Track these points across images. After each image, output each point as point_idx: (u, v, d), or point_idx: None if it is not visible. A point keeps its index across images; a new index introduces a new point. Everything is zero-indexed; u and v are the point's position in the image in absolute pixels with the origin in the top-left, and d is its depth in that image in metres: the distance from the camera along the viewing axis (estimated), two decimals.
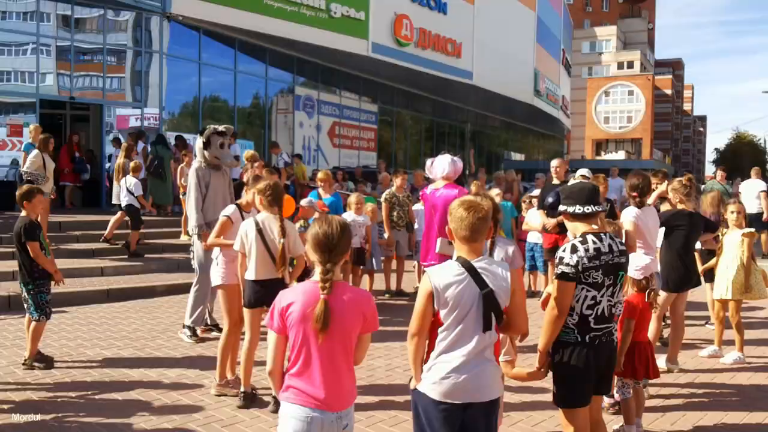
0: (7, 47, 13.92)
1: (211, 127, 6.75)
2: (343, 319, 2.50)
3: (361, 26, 19.54)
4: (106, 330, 6.94)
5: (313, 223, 2.65)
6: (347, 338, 2.54)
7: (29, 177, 9.45)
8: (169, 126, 16.08)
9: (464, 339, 2.66)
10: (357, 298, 2.59)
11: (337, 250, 2.54)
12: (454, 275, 2.67)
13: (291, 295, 2.57)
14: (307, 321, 2.48)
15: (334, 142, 21.73)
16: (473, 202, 2.76)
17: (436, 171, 6.27)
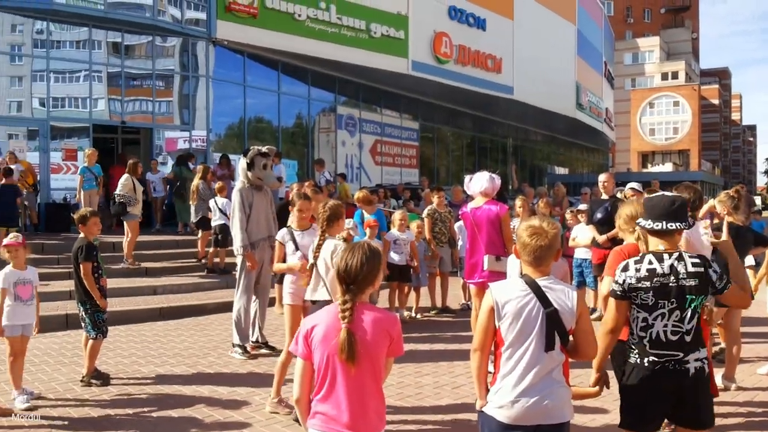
0: (61, 74, 14.50)
1: (254, 148, 6.88)
2: (368, 343, 2.45)
3: (401, 45, 19.73)
4: (160, 347, 7.10)
5: (341, 252, 2.64)
6: (375, 362, 2.50)
7: (121, 199, 10.22)
8: (216, 147, 16.45)
9: (530, 359, 2.62)
10: (382, 319, 2.53)
11: (357, 282, 2.51)
12: (517, 291, 2.67)
13: (314, 318, 2.56)
14: (329, 343, 2.44)
15: (376, 160, 21.88)
16: (538, 228, 2.71)
17: (474, 187, 6.30)
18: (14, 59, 14.22)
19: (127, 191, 10.43)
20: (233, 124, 17.61)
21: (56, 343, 7.19)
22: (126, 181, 10.51)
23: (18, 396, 5.15)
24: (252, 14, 16.03)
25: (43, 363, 6.41)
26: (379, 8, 19.09)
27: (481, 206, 6.26)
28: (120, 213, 10.52)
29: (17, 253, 5.30)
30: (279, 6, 16.59)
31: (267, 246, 6.83)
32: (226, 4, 15.59)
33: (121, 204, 10.38)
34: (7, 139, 14.14)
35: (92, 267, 5.68)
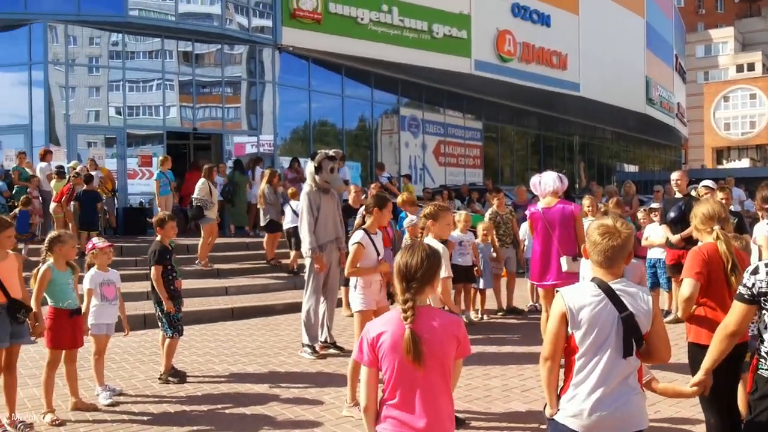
0: (135, 84, 15.14)
1: (322, 152, 6.99)
2: (435, 344, 2.43)
3: (463, 45, 19.63)
4: (232, 346, 7.32)
5: (400, 251, 2.63)
6: (444, 364, 2.47)
7: (198, 202, 10.70)
8: (282, 151, 16.80)
9: (605, 366, 2.53)
10: (447, 322, 2.51)
11: (416, 280, 2.48)
12: (590, 296, 2.56)
13: (379, 325, 2.50)
14: (399, 348, 2.41)
15: (440, 161, 21.83)
16: (611, 227, 2.61)
17: (544, 187, 6.19)
18: (92, 70, 14.94)
19: (204, 195, 10.83)
20: (298, 128, 17.94)
21: (135, 342, 7.50)
22: (203, 185, 10.90)
23: (101, 392, 5.41)
24: (316, 20, 16.30)
25: (124, 361, 6.71)
26: (441, 8, 19.06)
27: (554, 206, 6.14)
28: (197, 216, 10.93)
29: (104, 256, 5.56)
30: (342, 11, 16.81)
31: (334, 248, 6.94)
32: (291, 11, 15.92)
33: (198, 207, 10.79)
34: (87, 147, 14.85)
35: (166, 269, 5.90)
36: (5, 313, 4.60)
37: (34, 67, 14.12)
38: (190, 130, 15.80)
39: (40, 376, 5.29)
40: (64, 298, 5.06)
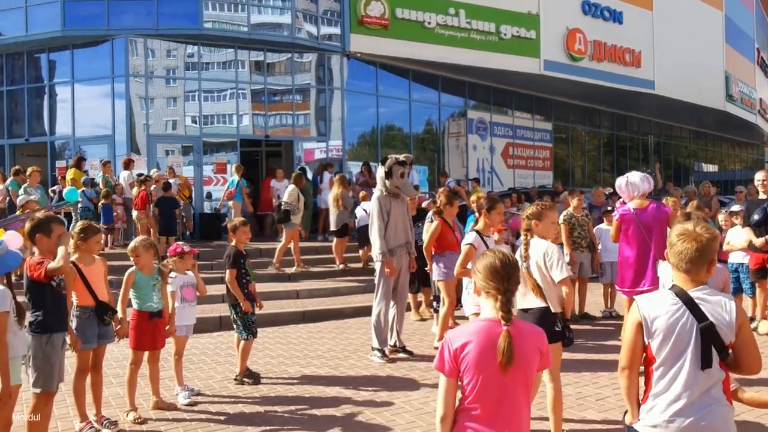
0: (210, 94, 15.68)
1: (392, 157, 7.02)
2: (524, 353, 2.40)
3: (532, 45, 19.34)
4: (304, 349, 7.46)
5: (484, 254, 2.59)
6: (528, 374, 2.44)
7: (287, 207, 11.12)
8: (350, 156, 17.01)
9: (684, 377, 2.45)
10: (532, 332, 2.49)
11: (513, 278, 2.46)
12: (667, 305, 2.48)
13: (463, 335, 2.45)
14: (487, 361, 2.38)
15: (508, 163, 21.56)
16: (692, 232, 2.52)
17: (635, 188, 5.93)
18: (169, 82, 15.57)
19: (293, 200, 11.23)
20: (366, 133, 18.11)
21: (211, 344, 7.76)
22: (293, 191, 11.30)
23: (181, 392, 5.62)
24: (383, 25, 16.44)
25: (201, 362, 6.95)
26: (509, 9, 18.85)
27: (647, 207, 5.88)
28: (283, 220, 11.25)
29: (186, 260, 5.78)
30: (409, 15, 16.89)
31: (405, 252, 6.96)
32: (359, 18, 16.11)
33: (286, 212, 11.12)
34: (165, 155, 15.48)
35: (240, 273, 6.08)
36: (93, 315, 4.86)
37: (116, 80, 14.86)
38: (262, 137, 16.23)
39: (123, 375, 5.56)
40: (146, 301, 5.30)
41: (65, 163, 14.79)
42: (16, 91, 16.07)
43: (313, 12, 16.11)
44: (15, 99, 16.18)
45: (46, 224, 4.35)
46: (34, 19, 14.93)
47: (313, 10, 16.11)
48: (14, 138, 16.22)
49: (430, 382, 5.93)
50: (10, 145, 16.21)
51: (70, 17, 14.53)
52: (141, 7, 14.61)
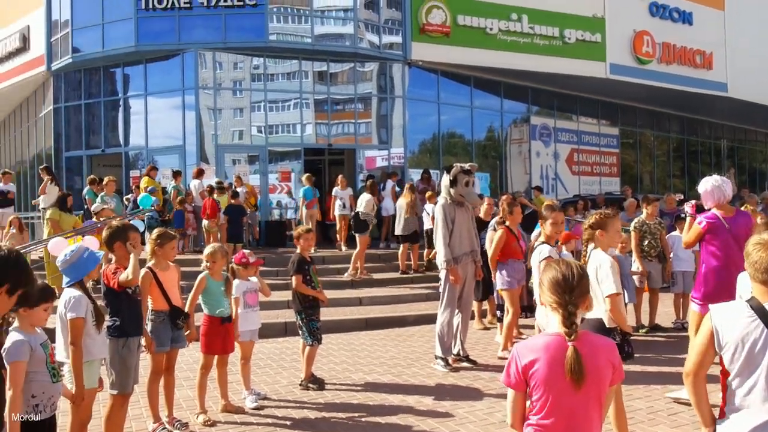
0: (275, 104, 16.04)
1: (457, 165, 7.01)
2: (593, 369, 2.33)
3: (597, 49, 18.92)
4: (367, 356, 7.51)
5: (547, 266, 2.55)
6: (602, 389, 2.38)
7: (364, 216, 11.47)
8: (412, 163, 17.04)
9: (760, 393, 2.35)
10: (602, 345, 2.42)
11: (575, 293, 2.39)
12: (741, 317, 2.40)
13: (531, 351, 2.40)
14: (556, 378, 2.33)
15: (573, 170, 21.13)
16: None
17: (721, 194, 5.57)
18: (235, 93, 16.02)
19: (370, 210, 11.51)
20: (427, 141, 18.11)
21: (277, 349, 7.91)
22: (369, 200, 11.61)
23: (248, 396, 5.75)
24: (445, 33, 16.43)
25: (267, 366, 7.09)
26: (573, 13, 18.51)
27: (735, 215, 5.57)
28: (362, 229, 11.43)
29: (251, 268, 5.93)
30: (471, 22, 16.83)
31: (470, 261, 6.93)
32: (420, 26, 16.17)
33: (364, 222, 11.33)
34: (232, 164, 15.92)
35: (305, 279, 6.18)
36: (167, 319, 5.04)
37: (186, 92, 15.40)
38: (325, 146, 16.47)
39: (193, 378, 5.73)
40: (217, 306, 5.45)
41: (139, 172, 15.43)
42: (93, 105, 16.86)
43: (375, 22, 16.27)
44: (92, 112, 16.98)
45: (123, 232, 4.56)
46: (110, 35, 15.65)
47: (375, 20, 16.27)
48: (91, 149, 17.01)
49: (495, 392, 5.87)
50: (88, 155, 17.01)
51: (143, 33, 15.17)
52: (210, 21, 15.10)
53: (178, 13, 14.97)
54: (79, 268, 4.04)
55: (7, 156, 23.14)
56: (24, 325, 3.35)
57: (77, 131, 17.21)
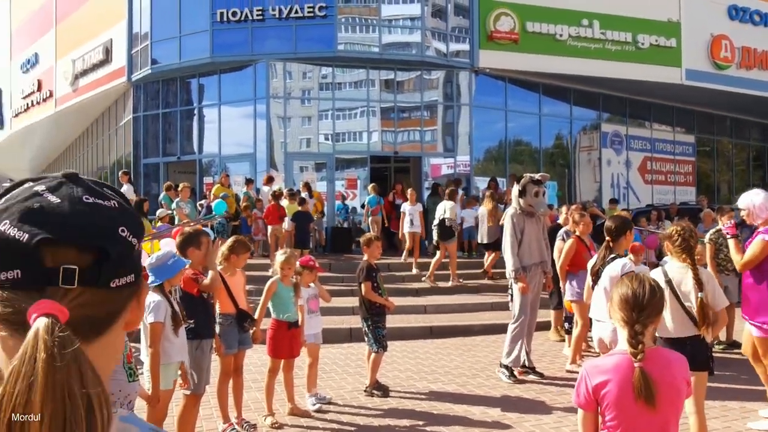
0: (342, 112, 16.26)
1: (527, 175, 6.96)
2: (669, 385, 2.27)
3: (672, 54, 18.32)
4: (431, 365, 7.50)
5: (621, 281, 2.50)
6: (678, 407, 2.31)
7: (450, 223, 11.55)
8: (477, 171, 16.92)
9: None
10: (676, 360, 2.36)
11: (645, 311, 2.33)
12: None
13: (602, 372, 2.35)
14: (627, 398, 2.26)
15: (646, 179, 20.49)
16: None
17: None
18: (304, 102, 16.34)
19: (454, 216, 11.58)
20: (493, 148, 17.96)
21: (342, 354, 8.00)
22: (452, 207, 11.68)
23: (309, 398, 5.85)
24: (513, 40, 16.28)
25: (332, 371, 7.18)
26: (647, 18, 17.99)
27: None
28: (447, 236, 11.50)
29: (312, 274, 6.03)
30: (540, 29, 16.61)
31: (539, 271, 6.84)
32: (488, 34, 16.08)
33: (449, 227, 11.39)
34: (300, 171, 16.23)
35: (372, 286, 6.24)
36: (234, 322, 5.19)
37: (258, 101, 15.84)
38: (391, 153, 16.58)
39: (260, 380, 5.87)
40: (285, 311, 5.57)
41: (212, 179, 15.94)
42: (170, 114, 17.56)
43: (443, 30, 16.28)
44: (169, 121, 17.68)
45: (196, 238, 4.74)
46: (187, 47, 16.28)
47: (443, 28, 16.29)
48: (167, 156, 17.70)
49: (562, 406, 5.75)
50: (164, 162, 17.71)
51: (217, 45, 15.71)
52: (281, 32, 15.50)
53: (251, 25, 15.44)
54: (163, 272, 4.22)
55: (89, 162, 24.36)
56: None
57: (154, 139, 17.96)
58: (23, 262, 0.74)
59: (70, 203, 0.78)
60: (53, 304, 0.72)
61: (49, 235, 0.74)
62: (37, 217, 0.75)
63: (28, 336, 0.69)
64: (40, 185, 0.80)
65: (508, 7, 16.26)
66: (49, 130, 25.02)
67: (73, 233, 0.76)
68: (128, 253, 0.80)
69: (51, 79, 22.52)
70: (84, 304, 0.76)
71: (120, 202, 0.83)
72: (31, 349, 0.68)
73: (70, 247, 0.75)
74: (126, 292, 0.81)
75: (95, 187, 0.83)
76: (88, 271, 0.76)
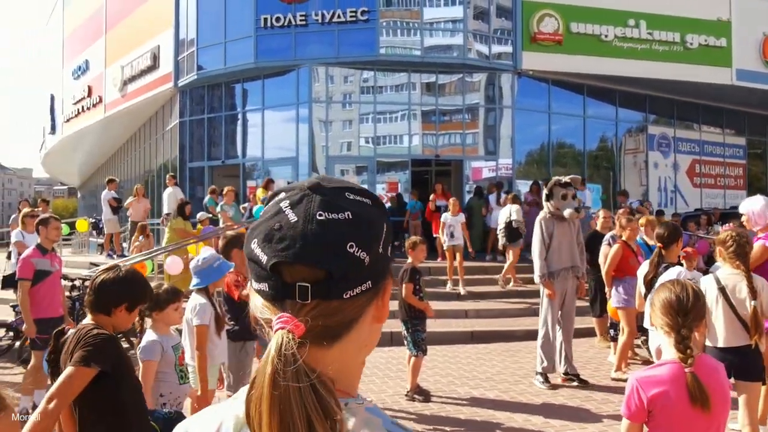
0: (383, 116, 16.29)
1: (554, 178, 6.88)
2: (719, 389, 2.22)
3: (722, 54, 17.82)
4: (473, 370, 7.44)
5: (662, 286, 2.44)
6: (726, 415, 2.27)
7: (517, 224, 11.54)
8: (519, 174, 16.74)
9: None
10: (720, 367, 2.31)
11: (691, 315, 2.29)
12: None
13: (653, 383, 2.31)
14: (684, 407, 2.21)
15: (695, 182, 19.96)
16: None
17: None
18: (345, 106, 16.43)
19: (520, 217, 11.56)
20: (536, 151, 17.73)
21: (383, 358, 8.00)
22: (519, 209, 11.66)
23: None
24: (557, 41, 16.07)
25: (373, 375, 7.19)
26: (695, 17, 17.55)
27: None
28: (514, 237, 11.44)
29: None
30: (585, 29, 16.36)
31: (570, 276, 6.72)
32: (532, 35, 15.91)
33: (516, 229, 11.31)
34: (341, 175, 16.30)
35: (414, 289, 6.23)
36: None
37: (300, 106, 15.99)
38: (433, 157, 16.53)
39: None
40: None
41: (255, 183, 16.15)
42: (215, 119, 17.87)
43: (485, 32, 16.17)
44: (213, 125, 18.00)
45: (238, 241, 4.82)
46: (231, 53, 16.55)
47: (485, 30, 16.18)
48: (212, 160, 18.02)
49: (607, 414, 5.64)
50: (209, 166, 18.02)
51: (261, 50, 15.93)
52: (323, 37, 15.63)
53: (294, 30, 15.61)
54: (207, 275, 4.30)
55: (137, 166, 24.98)
56: (158, 326, 3.61)
57: (200, 143, 18.30)
58: (267, 277, 0.86)
59: (303, 223, 0.85)
60: (290, 318, 0.82)
61: (282, 260, 0.84)
62: (275, 238, 0.86)
63: (267, 348, 0.82)
64: (285, 200, 0.90)
65: (552, 8, 16.06)
66: (99, 134, 25.75)
67: (303, 255, 0.83)
68: (358, 267, 0.85)
69: (101, 85, 23.18)
70: (319, 315, 0.84)
71: (354, 213, 0.88)
72: (263, 363, 0.81)
73: (302, 266, 0.84)
74: (362, 299, 0.87)
75: (333, 197, 0.89)
76: (319, 287, 0.84)
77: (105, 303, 2.74)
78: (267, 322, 0.87)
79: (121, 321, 2.80)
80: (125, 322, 2.83)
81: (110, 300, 2.74)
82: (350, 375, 0.90)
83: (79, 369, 2.53)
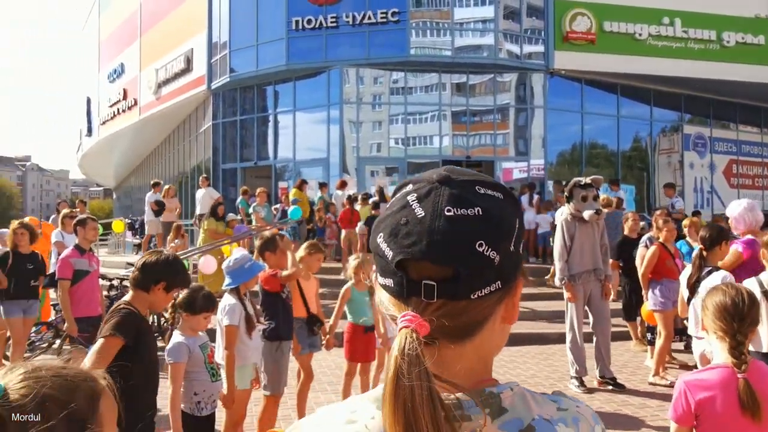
0: (413, 116, 16.28)
1: (574, 179, 6.77)
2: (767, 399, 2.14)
3: (760, 51, 17.42)
4: (506, 372, 7.37)
5: (715, 289, 2.37)
6: None
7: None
8: (551, 175, 16.57)
9: None
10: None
11: (747, 320, 2.21)
12: None
13: (703, 387, 2.25)
14: (732, 413, 2.15)
15: (731, 183, 19.54)
16: None
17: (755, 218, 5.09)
18: (375, 107, 16.46)
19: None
20: (568, 151, 17.55)
21: None
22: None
23: None
24: (590, 40, 15.89)
25: None
26: (731, 14, 17.19)
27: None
28: None
29: None
30: (618, 28, 16.15)
31: (593, 279, 6.61)
32: (564, 35, 15.75)
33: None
34: (371, 176, 16.34)
35: None
36: (304, 325, 5.27)
37: (331, 107, 16.07)
38: (463, 158, 16.45)
39: (336, 383, 5.92)
40: (361, 315, 5.61)
41: (286, 183, 16.27)
42: (247, 120, 18.06)
43: (516, 31, 16.06)
44: (245, 127, 18.19)
45: (273, 241, 4.86)
46: (263, 55, 16.71)
47: (516, 30, 16.06)
48: (244, 161, 18.21)
49: (645, 418, 5.54)
50: (241, 167, 18.22)
51: (293, 52, 16.05)
52: (354, 39, 15.69)
53: (325, 32, 15.69)
54: (239, 275, 4.33)
55: (171, 167, 25.37)
56: (185, 328, 3.66)
57: (232, 145, 18.51)
58: (392, 273, 0.82)
59: (431, 218, 0.81)
60: (414, 317, 0.79)
61: (407, 257, 0.80)
62: (401, 233, 0.82)
63: (392, 347, 0.79)
64: (412, 194, 0.85)
65: (584, 7, 15.88)
66: (134, 136, 26.22)
67: (430, 253, 0.79)
68: (487, 267, 0.81)
69: (135, 88, 23.60)
70: (445, 314, 0.81)
71: (485, 208, 0.83)
72: (387, 362, 0.79)
73: (429, 264, 0.80)
74: (491, 299, 0.84)
75: (462, 191, 0.84)
76: (446, 286, 0.80)
77: (146, 280, 3.00)
78: (393, 319, 0.84)
79: (158, 300, 3.06)
80: (162, 300, 3.09)
81: (151, 277, 3.00)
82: (477, 377, 0.86)
83: (107, 339, 2.78)
